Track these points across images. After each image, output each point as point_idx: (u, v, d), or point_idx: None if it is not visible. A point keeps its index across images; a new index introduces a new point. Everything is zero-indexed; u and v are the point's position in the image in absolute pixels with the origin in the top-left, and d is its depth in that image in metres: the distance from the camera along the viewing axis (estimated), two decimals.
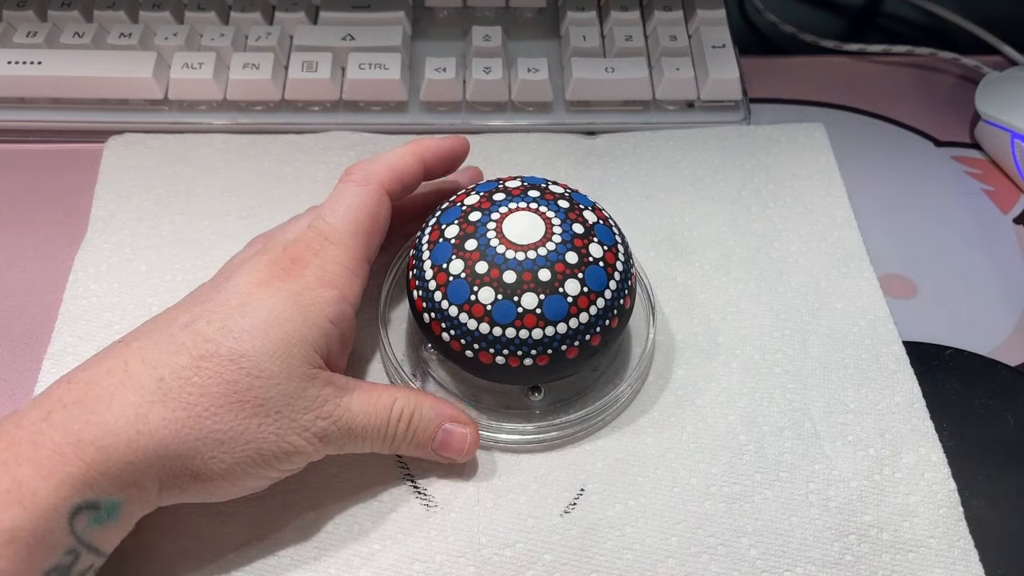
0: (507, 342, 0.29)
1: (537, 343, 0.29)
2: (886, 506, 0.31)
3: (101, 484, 0.25)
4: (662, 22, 0.46)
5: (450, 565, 0.30)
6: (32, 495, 0.24)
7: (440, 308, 0.30)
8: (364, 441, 0.29)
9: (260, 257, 0.30)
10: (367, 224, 0.31)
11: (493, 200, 0.31)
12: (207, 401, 0.26)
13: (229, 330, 0.27)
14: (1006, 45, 0.49)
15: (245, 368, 0.27)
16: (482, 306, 0.29)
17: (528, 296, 0.29)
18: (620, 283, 0.31)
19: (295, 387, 0.27)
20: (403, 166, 0.32)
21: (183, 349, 0.27)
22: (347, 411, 0.29)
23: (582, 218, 0.31)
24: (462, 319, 0.29)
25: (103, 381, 0.26)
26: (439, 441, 0.31)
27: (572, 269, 0.29)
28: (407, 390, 0.31)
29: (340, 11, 0.47)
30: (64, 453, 0.24)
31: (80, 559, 0.25)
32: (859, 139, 0.45)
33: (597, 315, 0.30)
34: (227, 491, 0.28)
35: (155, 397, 0.26)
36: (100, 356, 0.28)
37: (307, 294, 0.29)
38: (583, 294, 0.29)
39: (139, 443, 0.25)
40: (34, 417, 0.25)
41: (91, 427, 0.25)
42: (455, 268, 0.30)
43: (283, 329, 0.28)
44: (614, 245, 0.31)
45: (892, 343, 0.36)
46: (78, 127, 0.43)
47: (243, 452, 0.27)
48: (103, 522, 0.25)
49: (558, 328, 0.29)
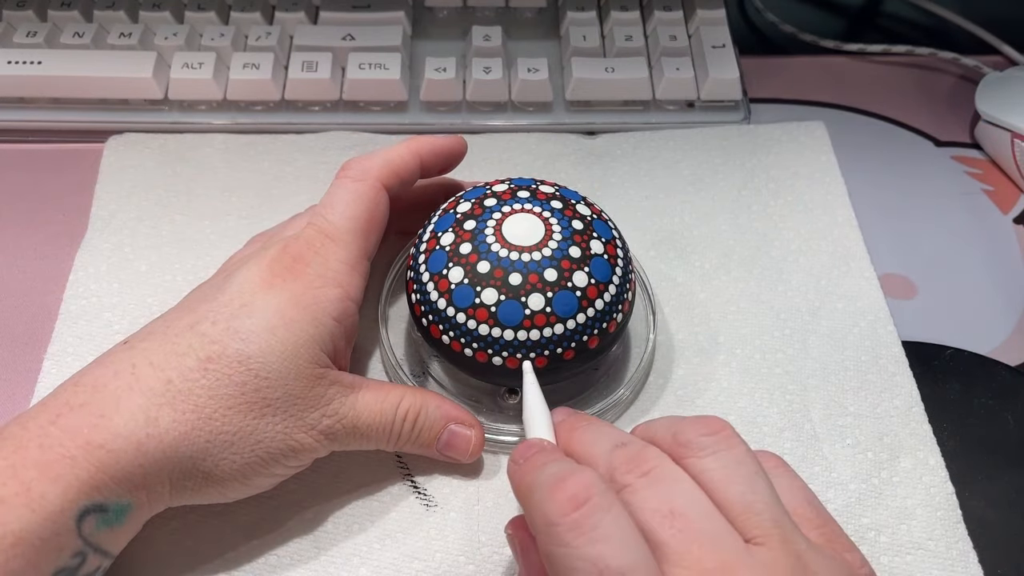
0: (519, 344, 0.29)
1: (550, 341, 0.29)
2: (884, 509, 0.31)
3: (110, 487, 0.25)
4: (662, 22, 0.46)
5: (450, 564, 0.30)
6: (40, 498, 0.24)
7: (446, 316, 0.30)
8: (369, 439, 0.30)
9: (261, 256, 0.30)
10: (366, 220, 0.31)
11: (485, 206, 0.31)
12: (216, 403, 0.26)
13: (235, 331, 0.27)
14: (1006, 45, 0.49)
15: (253, 370, 0.27)
16: (487, 309, 0.29)
17: (535, 297, 0.29)
18: (623, 273, 0.31)
19: (303, 386, 0.28)
20: (400, 162, 0.32)
21: (190, 351, 0.27)
22: (353, 409, 0.29)
23: (578, 214, 0.31)
24: (470, 325, 0.29)
25: (110, 384, 0.26)
26: (444, 442, 0.31)
27: (577, 264, 0.30)
28: (413, 389, 0.31)
29: (340, 11, 0.47)
30: (73, 456, 0.24)
31: (87, 561, 0.25)
32: (859, 139, 0.45)
33: (607, 305, 0.30)
34: (238, 491, 0.28)
35: (164, 400, 0.26)
36: (105, 359, 0.28)
37: (311, 293, 0.29)
38: (592, 285, 0.30)
39: (149, 446, 0.25)
40: (41, 420, 0.25)
41: (100, 430, 0.25)
42: (455, 275, 0.30)
43: (289, 329, 0.28)
44: (612, 238, 0.31)
45: (892, 345, 0.36)
46: (78, 127, 0.43)
47: (252, 452, 0.27)
48: (111, 524, 0.25)
49: (566, 324, 0.29)
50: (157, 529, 0.30)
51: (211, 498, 0.28)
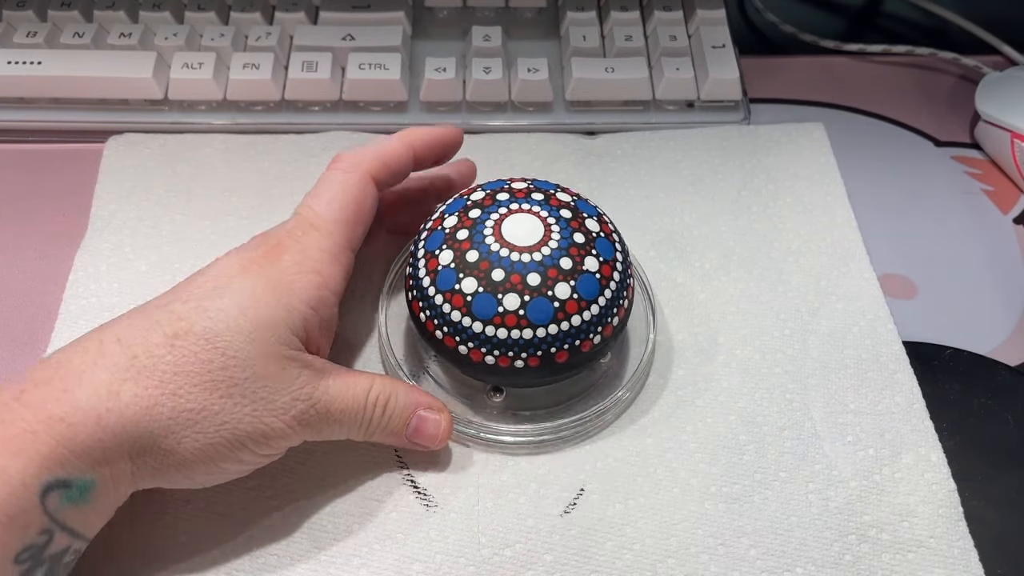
0: (487, 339, 0.29)
1: (516, 344, 0.29)
2: (886, 506, 0.31)
3: (71, 461, 0.25)
4: (662, 22, 0.46)
5: (450, 565, 0.30)
6: (2, 473, 0.23)
7: (427, 295, 0.30)
8: (341, 426, 0.29)
9: (244, 245, 0.30)
10: (351, 211, 0.31)
11: (496, 199, 0.31)
12: (180, 379, 0.26)
13: (204, 309, 0.27)
14: (1006, 45, 0.49)
15: (220, 348, 0.27)
16: (463, 296, 0.29)
17: (511, 297, 0.29)
18: (615, 294, 0.30)
19: (272, 369, 0.27)
20: (391, 154, 0.32)
21: (157, 327, 0.27)
22: (325, 394, 0.29)
23: (584, 228, 0.31)
24: (445, 308, 0.30)
25: (75, 360, 0.26)
26: (413, 428, 0.31)
27: (564, 275, 0.29)
28: (383, 377, 0.31)
29: (340, 11, 0.47)
30: (35, 431, 0.24)
31: (55, 539, 0.25)
32: (859, 139, 0.45)
33: (588, 322, 0.30)
34: (204, 475, 0.28)
35: (128, 375, 0.26)
36: (78, 338, 0.27)
37: (286, 278, 0.28)
38: (573, 299, 0.29)
39: (108, 420, 0.25)
40: (6, 396, 0.25)
41: (61, 404, 0.25)
42: (445, 257, 0.30)
43: (259, 311, 0.27)
44: (612, 259, 0.31)
45: (892, 343, 0.36)
46: (78, 127, 0.43)
47: (217, 433, 0.27)
48: (75, 501, 0.25)
49: (537, 332, 0.29)
50: (155, 529, 0.30)
51: (177, 481, 0.28)
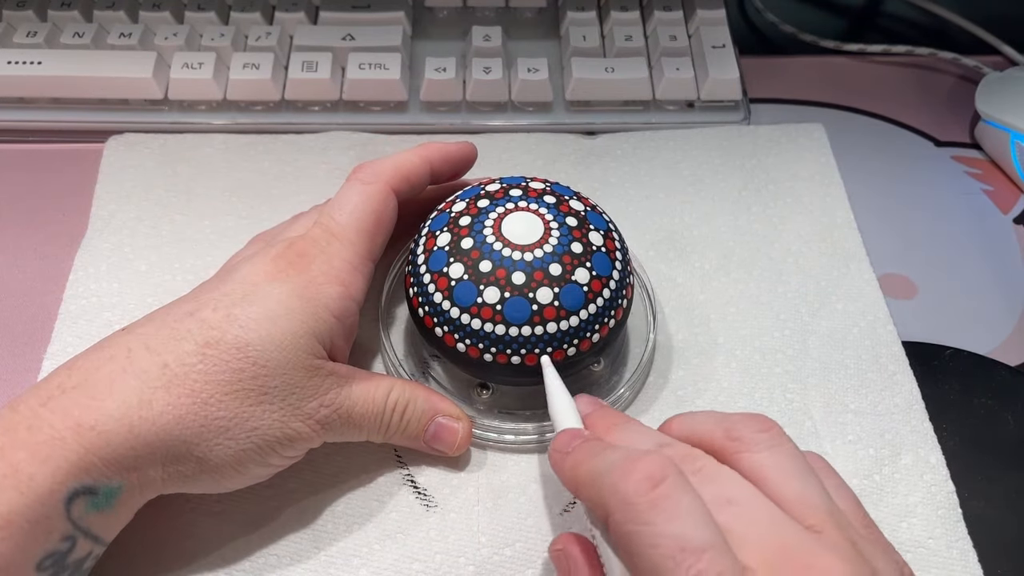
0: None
1: (487, 337, 0.30)
2: (886, 506, 0.31)
3: (100, 469, 0.25)
4: (662, 22, 0.46)
5: (450, 565, 0.30)
6: (28, 480, 0.23)
7: (418, 272, 0.31)
8: (361, 429, 0.30)
9: (267, 251, 0.30)
10: (373, 222, 0.31)
11: (509, 194, 0.32)
12: (212, 388, 0.26)
13: (235, 318, 0.27)
14: (1006, 45, 0.49)
15: (251, 357, 0.27)
16: (448, 280, 0.30)
17: (492, 290, 0.29)
18: (600, 311, 0.31)
19: (299, 376, 0.28)
20: (410, 167, 0.32)
21: (188, 336, 0.27)
22: (348, 399, 0.29)
23: (586, 239, 0.31)
24: (430, 288, 0.30)
25: (104, 367, 0.26)
26: (431, 434, 0.31)
27: (550, 281, 0.30)
28: (403, 381, 0.31)
29: (340, 11, 0.47)
30: (63, 438, 0.24)
31: (77, 545, 0.25)
32: (859, 139, 0.45)
33: (566, 332, 0.30)
34: (233, 479, 0.28)
35: (159, 383, 0.26)
36: (102, 343, 0.28)
37: (313, 288, 0.29)
38: (553, 306, 0.30)
39: (141, 428, 0.25)
40: (32, 402, 0.25)
41: (91, 412, 0.25)
42: (443, 239, 0.31)
43: (289, 320, 0.28)
44: (606, 276, 0.31)
45: (892, 344, 0.36)
46: (78, 127, 0.43)
47: (248, 439, 0.27)
48: (100, 508, 0.25)
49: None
50: (157, 529, 0.30)
51: (206, 487, 0.28)
